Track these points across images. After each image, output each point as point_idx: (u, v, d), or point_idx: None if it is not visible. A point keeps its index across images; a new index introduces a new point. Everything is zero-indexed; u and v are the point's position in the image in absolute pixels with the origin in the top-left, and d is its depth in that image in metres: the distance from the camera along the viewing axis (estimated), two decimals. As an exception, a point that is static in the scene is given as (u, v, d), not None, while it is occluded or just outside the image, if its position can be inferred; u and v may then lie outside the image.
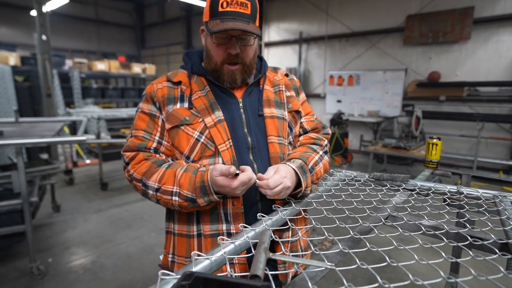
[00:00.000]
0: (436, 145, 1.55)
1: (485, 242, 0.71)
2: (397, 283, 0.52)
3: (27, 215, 2.36)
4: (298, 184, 0.91)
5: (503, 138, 5.35)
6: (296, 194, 0.92)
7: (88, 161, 6.10)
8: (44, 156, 3.93)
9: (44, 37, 4.71)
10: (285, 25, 8.31)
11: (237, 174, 0.79)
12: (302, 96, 1.14)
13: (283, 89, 1.06)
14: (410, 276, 0.56)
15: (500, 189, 1.17)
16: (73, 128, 6.26)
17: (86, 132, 6.46)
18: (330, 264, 0.57)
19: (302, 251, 1.03)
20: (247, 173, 0.80)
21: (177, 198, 0.86)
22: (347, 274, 0.59)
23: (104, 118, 4.60)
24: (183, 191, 0.85)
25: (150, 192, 0.90)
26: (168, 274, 0.55)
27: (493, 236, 0.74)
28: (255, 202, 0.94)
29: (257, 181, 0.83)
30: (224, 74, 0.95)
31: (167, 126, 0.95)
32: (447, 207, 0.96)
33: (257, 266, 0.53)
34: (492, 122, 5.42)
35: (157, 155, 0.97)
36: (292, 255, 0.63)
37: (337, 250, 0.67)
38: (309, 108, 1.15)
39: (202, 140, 0.92)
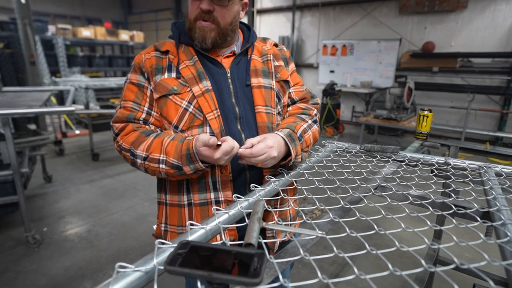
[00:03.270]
0: (427, 117, 1.57)
1: (468, 211, 0.74)
2: (384, 249, 0.55)
3: (18, 186, 2.35)
4: (288, 153, 0.93)
5: (492, 110, 5.43)
6: (287, 163, 0.94)
7: (77, 132, 6.02)
8: (32, 126, 3.86)
9: (23, 0, 4.45)
10: (278, -10, 8.00)
11: (219, 145, 0.79)
12: (292, 66, 1.13)
13: (271, 58, 1.05)
14: (397, 243, 0.58)
15: (486, 159, 1.20)
16: (60, 98, 6.11)
17: (74, 102, 6.32)
18: (321, 232, 0.60)
19: (291, 219, 1.06)
20: (229, 143, 0.80)
21: (163, 166, 0.87)
22: (335, 241, 0.62)
23: (93, 87, 4.47)
24: (170, 158, 0.86)
25: (139, 161, 0.90)
26: (164, 243, 0.56)
27: (475, 205, 0.77)
28: (243, 170, 0.96)
29: (240, 150, 0.83)
30: (196, 31, 0.93)
31: (155, 96, 0.94)
32: (435, 177, 0.99)
33: (251, 235, 0.55)
34: (483, 94, 5.46)
35: (147, 126, 0.97)
36: (284, 224, 0.65)
37: (328, 220, 0.69)
38: (298, 78, 1.15)
39: (190, 109, 0.92)
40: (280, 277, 0.49)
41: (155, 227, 1.07)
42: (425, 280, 1.34)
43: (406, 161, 1.13)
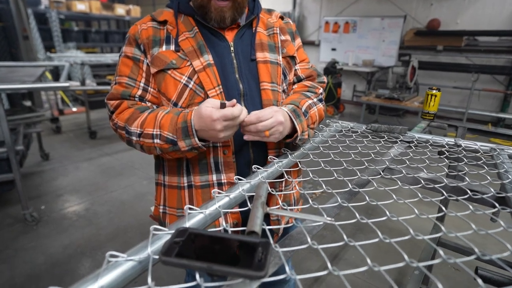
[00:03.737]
0: (435, 96, 1.51)
1: (484, 196, 0.70)
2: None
3: (14, 164, 2.31)
4: (293, 131, 0.87)
5: (496, 91, 5.34)
6: (292, 141, 0.88)
7: (74, 109, 5.92)
8: (28, 103, 3.77)
9: (13, -30, 4.24)
10: (280, -37, 7.67)
11: (223, 106, 0.72)
12: (298, 41, 1.06)
13: (278, 32, 0.97)
14: (411, 231, 0.54)
15: (487, 140, 1.16)
16: (56, 74, 5.96)
17: (69, 78, 6.18)
18: (329, 218, 0.55)
19: (294, 202, 1.02)
20: (233, 109, 0.72)
21: (158, 140, 0.80)
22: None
23: (88, 63, 4.35)
24: (164, 132, 0.79)
25: (134, 138, 0.84)
26: (160, 229, 0.52)
27: (492, 190, 0.73)
28: (247, 151, 0.90)
29: (246, 118, 0.76)
30: (212, 11, 0.84)
31: (153, 70, 0.87)
32: (446, 160, 0.94)
33: (255, 222, 0.50)
34: (488, 74, 5.35)
35: (143, 103, 0.90)
36: (290, 209, 0.61)
37: (336, 204, 0.65)
38: (305, 55, 1.08)
39: (190, 85, 0.85)
40: (287, 268, 0.45)
41: (152, 208, 1.03)
42: (428, 259, 1.33)
43: (415, 142, 1.08)
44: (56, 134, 4.75)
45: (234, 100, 0.75)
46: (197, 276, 0.42)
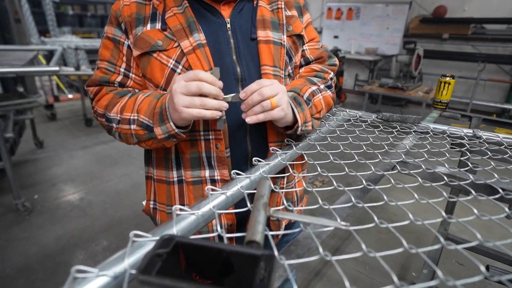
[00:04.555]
0: (449, 84, 1.41)
1: (518, 195, 0.61)
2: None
3: (3, 151, 2.21)
4: (295, 122, 0.77)
5: (502, 81, 5.22)
6: (294, 131, 0.77)
7: (70, 96, 5.80)
8: (20, 89, 3.65)
9: (4, -50, 4.05)
10: None
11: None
12: (307, 17, 0.92)
13: (282, 6, 0.84)
14: (442, 239, 0.45)
15: (491, 131, 1.07)
16: (51, 59, 5.81)
17: (65, 64, 6.03)
18: (344, 223, 0.46)
19: (297, 200, 0.93)
20: (203, 73, 0.63)
21: (134, 126, 0.71)
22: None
23: (83, 48, 4.20)
24: (140, 116, 0.70)
25: (114, 125, 0.75)
26: (141, 235, 0.43)
27: (525, 188, 0.64)
28: (244, 144, 0.80)
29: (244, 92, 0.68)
30: None
31: (135, 53, 0.75)
32: (468, 153, 0.85)
33: (256, 229, 0.41)
34: (494, 63, 5.22)
35: (124, 89, 0.80)
36: (296, 209, 0.53)
37: (350, 204, 0.56)
38: (314, 33, 0.94)
39: (178, 70, 0.74)
40: (295, 287, 0.36)
41: (144, 203, 0.95)
42: (437, 258, 1.25)
43: (431, 133, 0.98)
44: (51, 121, 4.65)
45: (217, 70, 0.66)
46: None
